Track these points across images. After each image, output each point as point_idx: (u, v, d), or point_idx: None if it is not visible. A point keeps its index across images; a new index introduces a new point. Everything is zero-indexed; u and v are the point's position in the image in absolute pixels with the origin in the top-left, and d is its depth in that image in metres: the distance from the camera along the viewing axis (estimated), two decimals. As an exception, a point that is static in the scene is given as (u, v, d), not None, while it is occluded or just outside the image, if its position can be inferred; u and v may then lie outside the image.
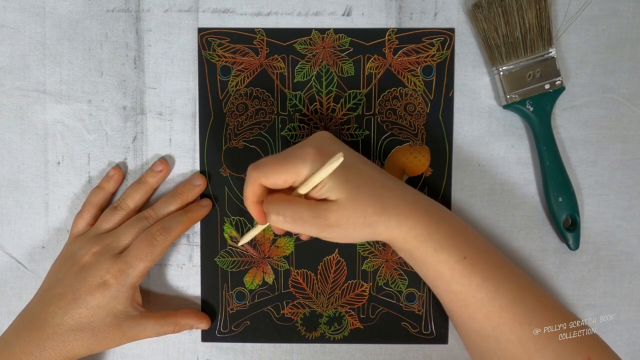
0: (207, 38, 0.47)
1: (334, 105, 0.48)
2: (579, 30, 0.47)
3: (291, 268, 0.48)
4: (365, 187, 0.39)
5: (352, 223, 0.39)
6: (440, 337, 0.48)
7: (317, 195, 0.39)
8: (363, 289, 0.48)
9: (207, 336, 0.48)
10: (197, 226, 0.48)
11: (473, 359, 0.44)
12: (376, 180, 0.40)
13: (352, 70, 0.47)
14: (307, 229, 0.39)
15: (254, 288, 0.48)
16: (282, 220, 0.38)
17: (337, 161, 0.37)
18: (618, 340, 0.48)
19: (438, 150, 0.48)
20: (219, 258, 0.48)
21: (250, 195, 0.40)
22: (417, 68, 0.47)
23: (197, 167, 0.48)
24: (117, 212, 0.46)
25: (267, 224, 0.42)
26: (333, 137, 0.42)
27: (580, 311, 0.48)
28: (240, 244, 0.46)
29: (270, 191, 0.41)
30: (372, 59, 0.47)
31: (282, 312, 0.48)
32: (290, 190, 0.40)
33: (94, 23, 0.48)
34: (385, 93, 0.47)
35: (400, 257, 0.48)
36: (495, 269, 0.40)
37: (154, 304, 0.48)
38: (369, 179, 0.40)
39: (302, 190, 0.39)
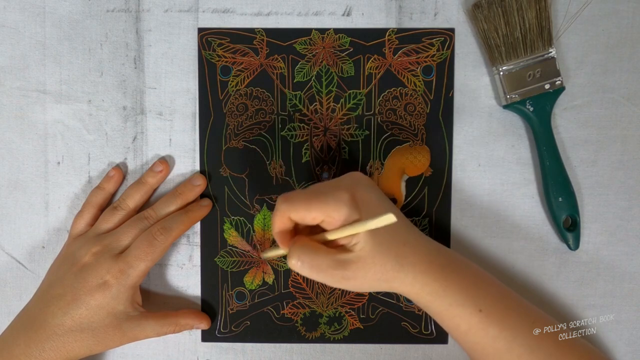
0: (207, 38, 0.47)
1: (334, 105, 0.48)
2: (579, 30, 0.47)
3: (291, 268, 0.48)
4: (388, 243, 0.39)
5: (369, 277, 0.38)
6: (440, 337, 0.48)
7: (341, 241, 0.39)
8: (363, 289, 0.48)
9: (207, 336, 0.48)
10: (197, 226, 0.48)
11: None
12: (399, 234, 0.40)
13: (352, 70, 0.47)
14: (323, 278, 0.38)
15: (254, 288, 0.48)
16: (299, 266, 0.38)
17: (385, 222, 0.35)
18: (618, 340, 0.48)
19: (438, 150, 0.48)
20: (219, 258, 0.48)
21: (277, 225, 0.39)
22: (417, 68, 0.47)
23: (197, 167, 0.48)
24: (117, 212, 0.46)
25: None
26: (368, 179, 0.41)
27: (580, 311, 0.48)
28: (264, 256, 0.46)
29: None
30: (372, 59, 0.47)
31: (282, 312, 0.48)
32: (317, 227, 0.40)
33: (94, 23, 0.48)
34: (385, 93, 0.47)
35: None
36: (512, 317, 0.40)
37: (154, 304, 0.48)
38: (393, 233, 0.39)
39: (331, 237, 0.38)
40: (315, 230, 0.40)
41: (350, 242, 0.38)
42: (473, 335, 0.40)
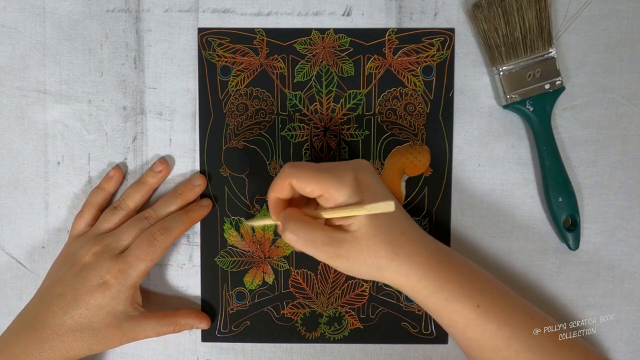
0: (207, 38, 0.47)
1: (334, 105, 0.48)
2: (579, 30, 0.47)
3: (291, 268, 0.48)
4: (385, 228, 0.39)
5: (361, 259, 0.38)
6: (440, 337, 0.48)
7: (338, 220, 0.39)
8: (363, 289, 0.48)
9: (207, 336, 0.48)
10: (197, 226, 0.48)
11: None
12: (397, 223, 0.40)
13: (352, 70, 0.47)
14: (316, 254, 0.39)
15: (254, 288, 0.48)
16: (294, 240, 0.38)
17: (383, 209, 0.35)
18: (618, 340, 0.48)
19: (438, 150, 0.48)
20: (219, 258, 0.48)
21: (276, 188, 0.40)
22: (417, 68, 0.47)
23: (197, 167, 0.48)
24: (117, 212, 0.46)
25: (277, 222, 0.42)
26: (372, 168, 0.41)
27: (580, 311, 0.48)
28: (249, 223, 0.46)
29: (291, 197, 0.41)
30: (372, 59, 0.47)
31: (282, 312, 0.48)
32: (312, 202, 0.40)
33: (94, 23, 0.48)
34: (385, 93, 0.47)
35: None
36: (510, 315, 0.40)
37: (154, 304, 0.48)
38: (391, 220, 0.40)
39: (326, 215, 0.38)
40: (309, 207, 0.41)
41: (346, 223, 0.39)
42: (471, 331, 0.40)
